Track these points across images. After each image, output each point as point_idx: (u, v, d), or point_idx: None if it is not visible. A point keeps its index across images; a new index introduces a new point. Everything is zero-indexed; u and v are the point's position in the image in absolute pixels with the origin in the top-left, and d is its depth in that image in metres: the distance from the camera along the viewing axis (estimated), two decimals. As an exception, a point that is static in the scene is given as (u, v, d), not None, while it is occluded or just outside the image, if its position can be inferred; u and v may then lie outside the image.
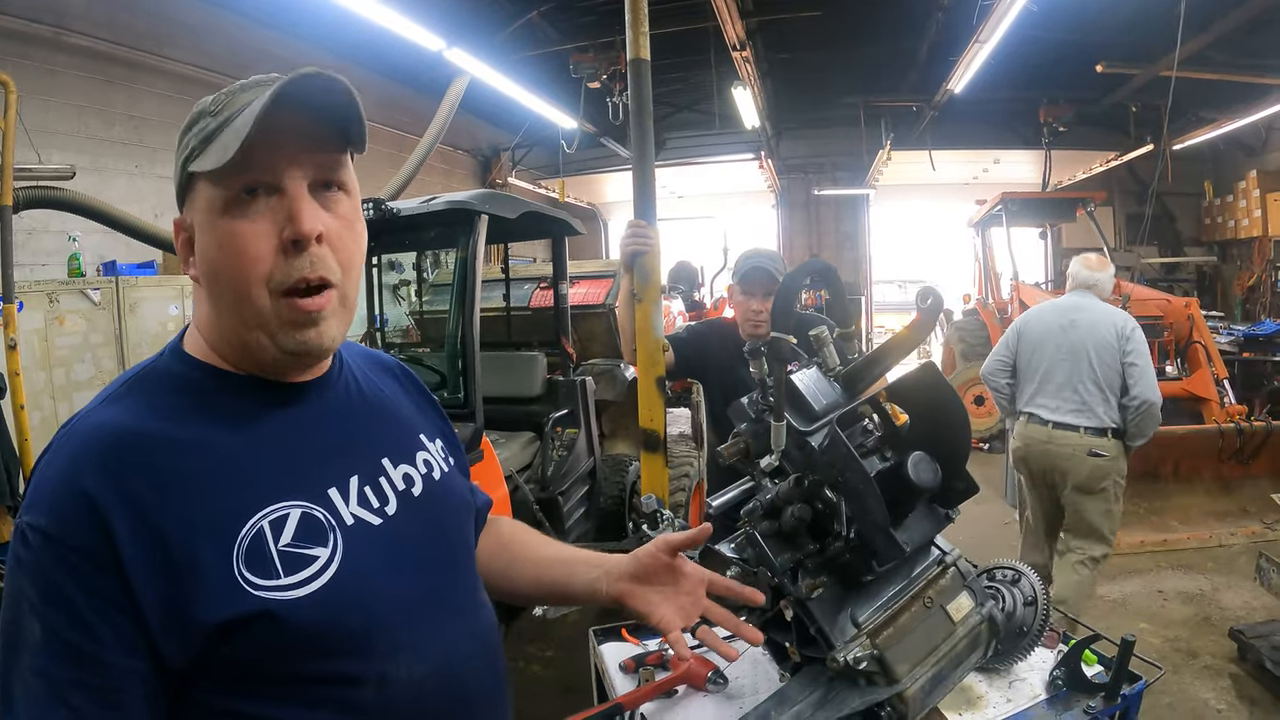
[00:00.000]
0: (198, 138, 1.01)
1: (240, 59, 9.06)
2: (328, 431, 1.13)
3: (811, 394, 1.62)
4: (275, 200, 1.01)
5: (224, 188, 1.00)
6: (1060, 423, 4.30)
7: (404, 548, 1.13)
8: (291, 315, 1.02)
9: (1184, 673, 4.31)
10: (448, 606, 1.18)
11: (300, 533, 1.01)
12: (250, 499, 1.00)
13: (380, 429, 1.22)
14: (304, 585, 0.98)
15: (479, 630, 1.22)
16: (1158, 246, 14.41)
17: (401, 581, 1.10)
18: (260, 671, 0.96)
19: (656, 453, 3.18)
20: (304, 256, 1.01)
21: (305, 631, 0.97)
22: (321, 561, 1.01)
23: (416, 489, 1.20)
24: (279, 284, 1.01)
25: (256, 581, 0.95)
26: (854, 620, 1.50)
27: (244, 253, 0.99)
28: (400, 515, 1.14)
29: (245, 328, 1.03)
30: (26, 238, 6.74)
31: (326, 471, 1.09)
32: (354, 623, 1.02)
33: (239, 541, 0.96)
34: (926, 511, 1.59)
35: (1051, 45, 10.31)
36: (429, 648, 1.10)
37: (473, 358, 4.14)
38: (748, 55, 8.61)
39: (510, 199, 4.82)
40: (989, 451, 9.58)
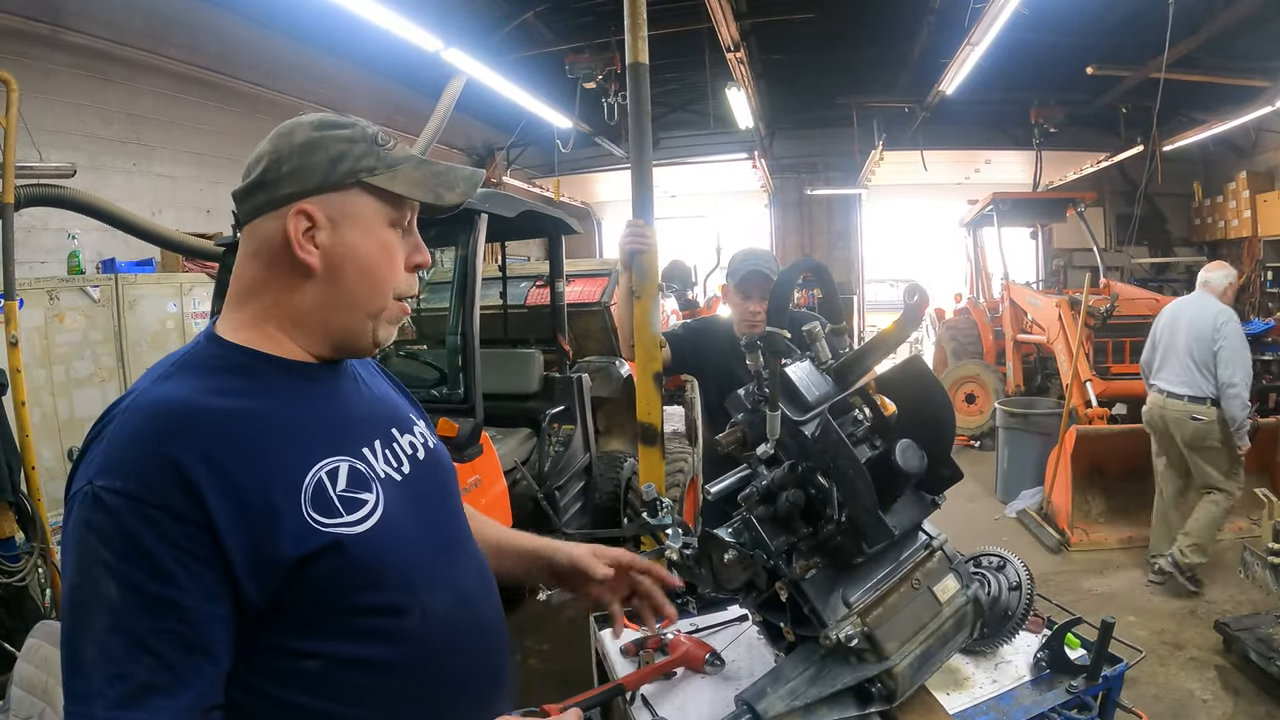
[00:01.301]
0: (377, 160, 1.24)
1: (238, 58, 9.11)
2: (352, 405, 1.34)
3: (805, 386, 1.69)
4: (407, 233, 1.30)
5: (395, 210, 1.26)
6: (1171, 392, 5.37)
7: (420, 500, 1.32)
8: (395, 315, 1.30)
9: (1170, 664, 4.39)
10: (459, 549, 1.40)
11: (351, 481, 1.19)
12: (307, 455, 1.17)
13: (384, 407, 1.42)
14: (362, 522, 1.17)
15: (483, 570, 1.45)
16: (1148, 247, 14.48)
17: (425, 526, 1.31)
18: (322, 607, 1.12)
19: (654, 446, 3.26)
20: (416, 278, 1.33)
21: (364, 562, 1.15)
22: (371, 504, 1.20)
23: (420, 454, 1.40)
24: (401, 290, 1.29)
25: (324, 520, 1.12)
26: (845, 600, 1.56)
27: (395, 261, 1.27)
28: (413, 474, 1.34)
29: (364, 317, 1.27)
30: (26, 235, 6.74)
31: (359, 436, 1.29)
32: (399, 557, 1.21)
33: (304, 489, 1.13)
34: (914, 497, 1.67)
35: (1043, 47, 10.37)
36: (453, 581, 1.31)
37: (473, 354, 4.18)
38: (742, 56, 8.66)
39: (509, 198, 4.86)
40: (980, 449, 9.66)
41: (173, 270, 7.18)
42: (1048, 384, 9.56)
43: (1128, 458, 6.38)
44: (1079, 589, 5.41)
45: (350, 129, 1.25)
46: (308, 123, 1.25)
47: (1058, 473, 6.38)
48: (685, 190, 17.62)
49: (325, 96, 10.65)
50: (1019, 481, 7.36)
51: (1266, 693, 4.05)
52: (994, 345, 10.36)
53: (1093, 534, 6.18)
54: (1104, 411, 6.82)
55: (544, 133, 12.71)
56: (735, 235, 15.99)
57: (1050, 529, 6.38)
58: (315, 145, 1.22)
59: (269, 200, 1.21)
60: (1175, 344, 5.37)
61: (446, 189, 1.29)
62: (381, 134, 1.28)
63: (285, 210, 1.20)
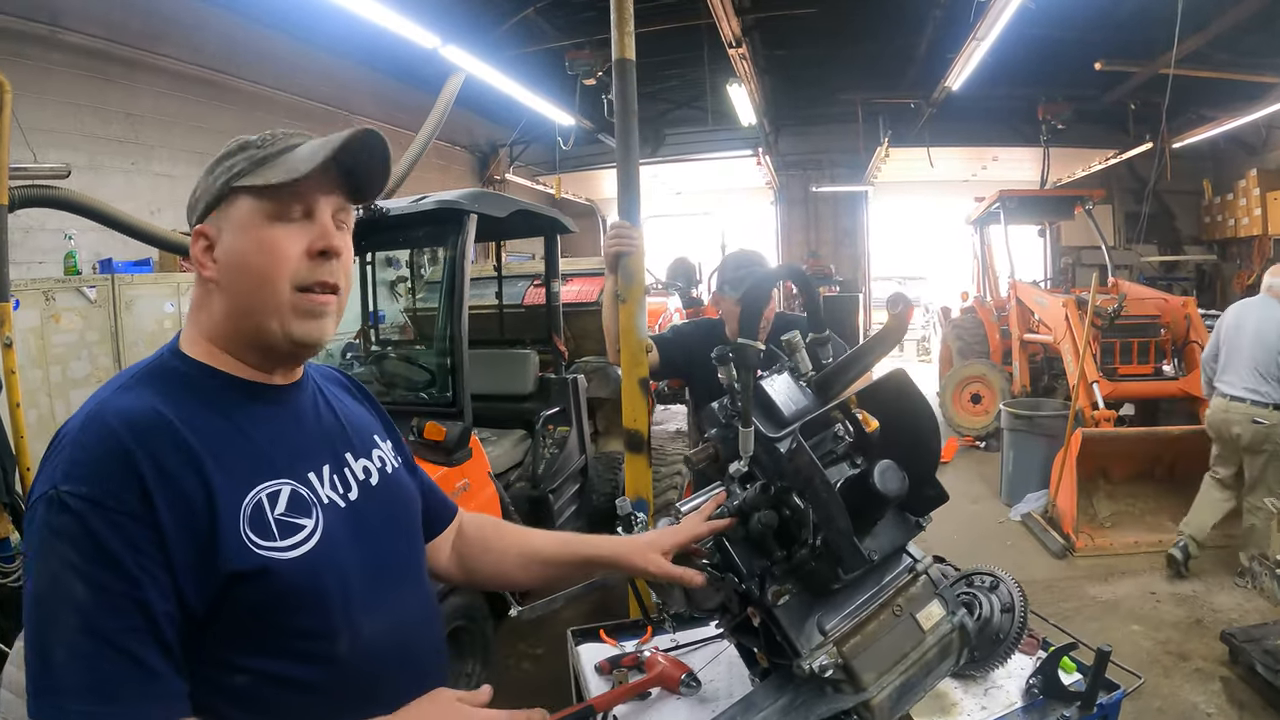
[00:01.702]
0: (248, 161, 1.24)
1: (237, 56, 9.08)
2: (304, 427, 1.35)
3: (781, 399, 1.61)
4: (306, 221, 1.25)
5: (274, 203, 1.23)
6: (1234, 396, 5.37)
7: (365, 528, 1.33)
8: (305, 306, 1.24)
9: (1175, 676, 4.28)
10: (400, 577, 1.39)
11: (291, 506, 1.21)
12: (251, 475, 1.19)
13: (341, 429, 1.42)
14: (295, 548, 1.18)
15: (424, 600, 1.45)
16: (1157, 245, 14.35)
17: (364, 555, 1.30)
18: (255, 623, 1.14)
19: (640, 453, 3.18)
20: (327, 265, 1.26)
21: (295, 588, 1.16)
22: (308, 530, 1.21)
23: (373, 480, 1.40)
24: (301, 280, 1.23)
25: (259, 542, 1.14)
26: (821, 628, 1.48)
27: (280, 252, 1.22)
28: (361, 501, 1.34)
29: (264, 316, 1.23)
30: (24, 236, 6.74)
31: (306, 459, 1.30)
32: (332, 584, 1.21)
33: (244, 509, 1.15)
34: (897, 519, 1.58)
35: (1050, 42, 10.26)
36: (388, 608, 1.31)
37: (461, 356, 4.14)
38: (744, 52, 8.56)
39: (500, 197, 4.80)
40: (985, 450, 9.58)
41: (170, 270, 7.12)
42: (1054, 384, 9.45)
43: (1135, 461, 6.29)
44: (1083, 596, 5.30)
45: (234, 143, 1.29)
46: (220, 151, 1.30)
47: (1063, 476, 6.27)
48: (690, 188, 17.53)
49: (325, 94, 10.63)
50: (1024, 484, 7.26)
51: (1273, 706, 3.94)
52: (1000, 345, 10.27)
53: (1098, 539, 6.06)
54: (1111, 414, 6.72)
55: (546, 130, 12.66)
56: (741, 232, 15.92)
57: (1055, 533, 6.27)
58: (207, 171, 1.28)
59: (190, 229, 1.29)
60: (1239, 348, 5.39)
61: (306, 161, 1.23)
62: (268, 136, 1.28)
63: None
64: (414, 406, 4.39)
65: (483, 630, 4.11)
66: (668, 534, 1.58)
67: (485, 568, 1.71)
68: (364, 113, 11.55)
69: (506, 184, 15.23)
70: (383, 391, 4.73)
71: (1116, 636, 4.69)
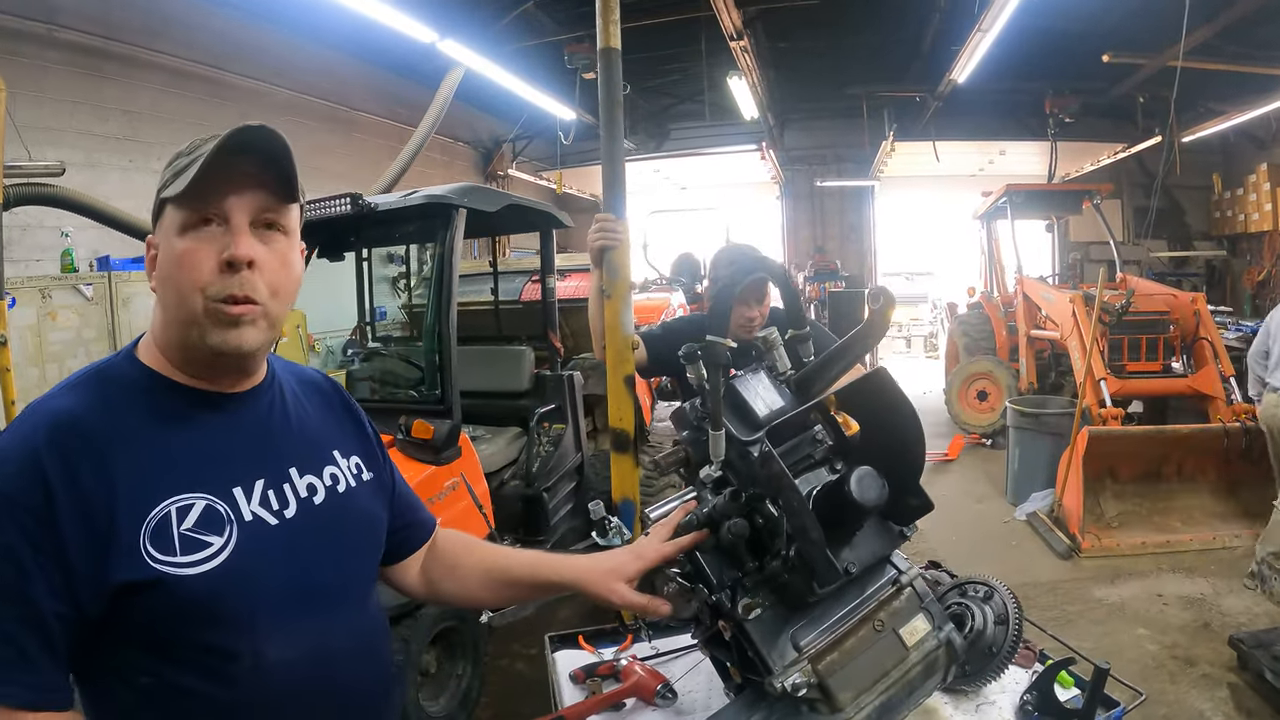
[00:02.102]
0: (171, 172, 1.22)
1: (234, 52, 9.05)
2: (243, 439, 1.30)
3: (756, 401, 1.52)
4: (222, 230, 1.21)
5: (185, 213, 1.20)
6: None
7: (296, 548, 1.27)
8: (217, 317, 1.20)
9: (1181, 682, 4.17)
10: (330, 603, 1.31)
11: (201, 521, 1.18)
12: (164, 487, 1.17)
13: (293, 442, 1.37)
14: (196, 565, 1.15)
15: (360, 629, 1.37)
16: (1167, 240, 14.22)
17: (286, 576, 1.25)
18: (157, 634, 1.14)
19: (626, 453, 3.11)
20: (236, 277, 1.20)
21: (191, 605, 1.13)
22: (215, 548, 1.17)
23: (318, 498, 1.35)
24: (214, 294, 1.19)
25: (157, 556, 1.12)
26: (795, 644, 1.39)
27: (191, 265, 1.19)
28: (297, 520, 1.29)
29: (184, 326, 1.21)
30: (21, 234, 6.76)
31: (235, 473, 1.26)
32: (236, 604, 1.18)
33: (148, 521, 1.13)
34: (879, 528, 1.49)
35: (1057, 34, 10.16)
36: (305, 637, 1.25)
37: (449, 354, 4.09)
38: (745, 45, 8.46)
39: (491, 192, 4.75)
40: (991, 448, 9.48)
41: (167, 267, 7.08)
42: (1062, 381, 9.34)
43: (1142, 460, 6.17)
44: (1088, 598, 5.19)
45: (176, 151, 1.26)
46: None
47: (1069, 475, 6.16)
48: (696, 182, 17.45)
49: (325, 90, 10.60)
50: (1030, 483, 7.13)
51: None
52: (1007, 341, 10.14)
53: (1104, 540, 5.93)
54: (1118, 411, 6.60)
55: (548, 124, 12.60)
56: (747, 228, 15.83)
57: (1060, 534, 6.16)
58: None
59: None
60: None
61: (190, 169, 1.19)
62: (197, 141, 1.24)
63: None
64: (403, 404, 4.34)
65: (473, 631, 4.07)
66: (630, 560, 1.50)
67: (451, 586, 1.64)
68: (364, 108, 11.52)
69: (510, 179, 15.17)
70: (375, 389, 4.69)
71: (1122, 640, 4.61)
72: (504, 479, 4.93)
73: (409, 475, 3.78)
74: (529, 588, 1.63)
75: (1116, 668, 1.82)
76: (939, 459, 9.13)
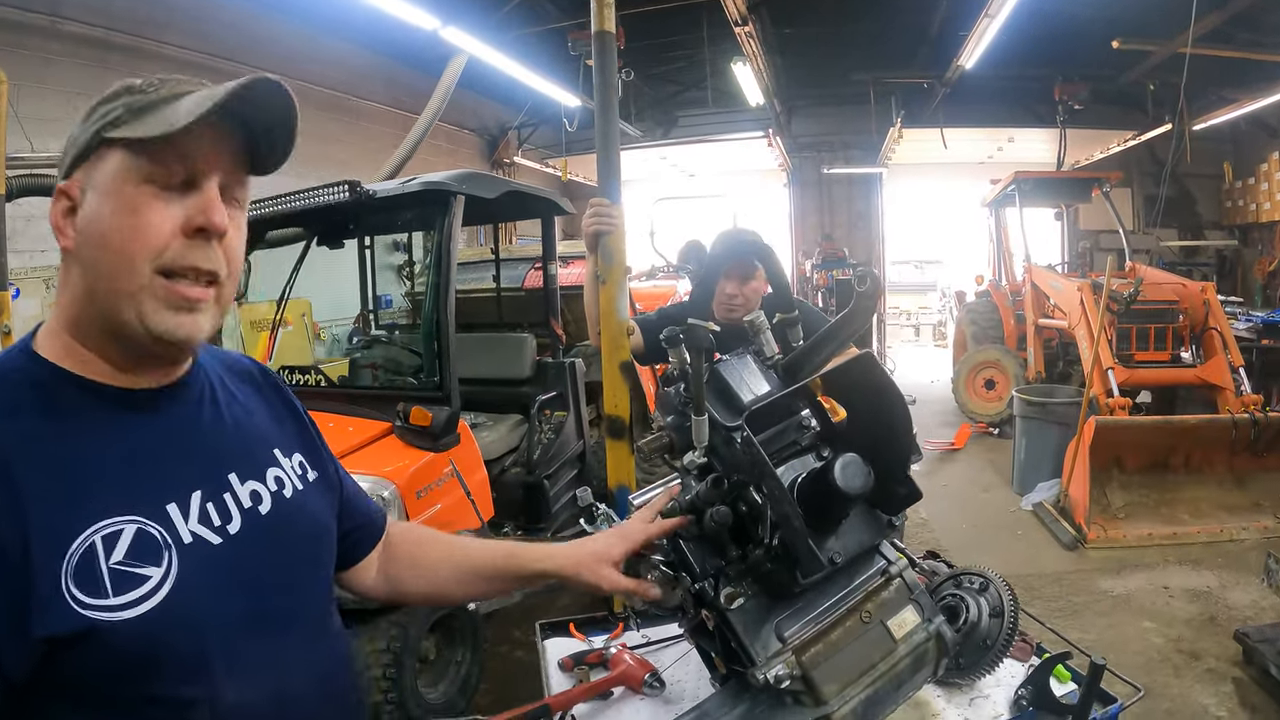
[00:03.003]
0: (125, 109, 1.01)
1: (239, 41, 9.00)
2: (173, 444, 1.10)
3: (740, 385, 1.48)
4: (188, 190, 1.03)
5: (146, 159, 1.00)
6: None
7: (245, 569, 1.10)
8: (169, 297, 1.01)
9: (1185, 676, 4.13)
10: (288, 631, 1.15)
11: (133, 550, 0.97)
12: (84, 511, 0.96)
13: (230, 443, 1.19)
14: (133, 606, 0.95)
15: (321, 658, 1.21)
16: (1177, 229, 14.11)
17: (238, 604, 1.07)
18: (94, 694, 0.94)
19: (622, 439, 3.08)
20: (206, 247, 1.04)
21: (133, 653, 0.95)
22: (154, 582, 0.98)
23: (264, 506, 1.17)
24: (168, 262, 1.00)
25: (84, 600, 0.92)
26: (779, 634, 1.35)
27: (145, 223, 0.99)
28: (244, 534, 1.11)
29: (119, 301, 1.00)
30: (25, 224, 6.74)
31: (167, 486, 1.06)
32: (185, 645, 0.99)
33: (69, 556, 0.92)
34: (866, 518, 1.45)
35: (1065, 20, 10.06)
36: (264, 674, 1.08)
37: (447, 341, 4.09)
38: (750, 30, 8.38)
39: (490, 178, 4.74)
40: (998, 437, 9.45)
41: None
42: (1070, 371, 9.29)
43: (1150, 451, 6.12)
44: (1093, 589, 5.16)
45: (120, 85, 1.06)
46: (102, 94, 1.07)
47: (1075, 465, 6.11)
48: (703, 169, 17.37)
49: (331, 79, 10.56)
50: (1036, 473, 7.09)
51: (1286, 710, 3.79)
52: (1015, 330, 10.10)
53: (1110, 531, 5.89)
54: (1126, 401, 6.54)
55: (554, 112, 12.57)
56: (754, 215, 15.75)
57: (1066, 524, 6.12)
58: (87, 115, 1.05)
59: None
60: None
61: (175, 115, 1.00)
62: (154, 80, 1.06)
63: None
64: (402, 391, 4.33)
65: (471, 618, 4.07)
66: (615, 541, 1.42)
67: (416, 585, 1.51)
68: (370, 97, 11.48)
69: (516, 167, 15.11)
70: (376, 376, 4.69)
71: (1127, 633, 4.58)
72: (505, 466, 4.93)
73: (407, 463, 3.79)
74: (509, 580, 1.52)
75: (1120, 660, 1.79)
76: (945, 448, 9.09)
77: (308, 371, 4.59)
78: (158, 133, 0.98)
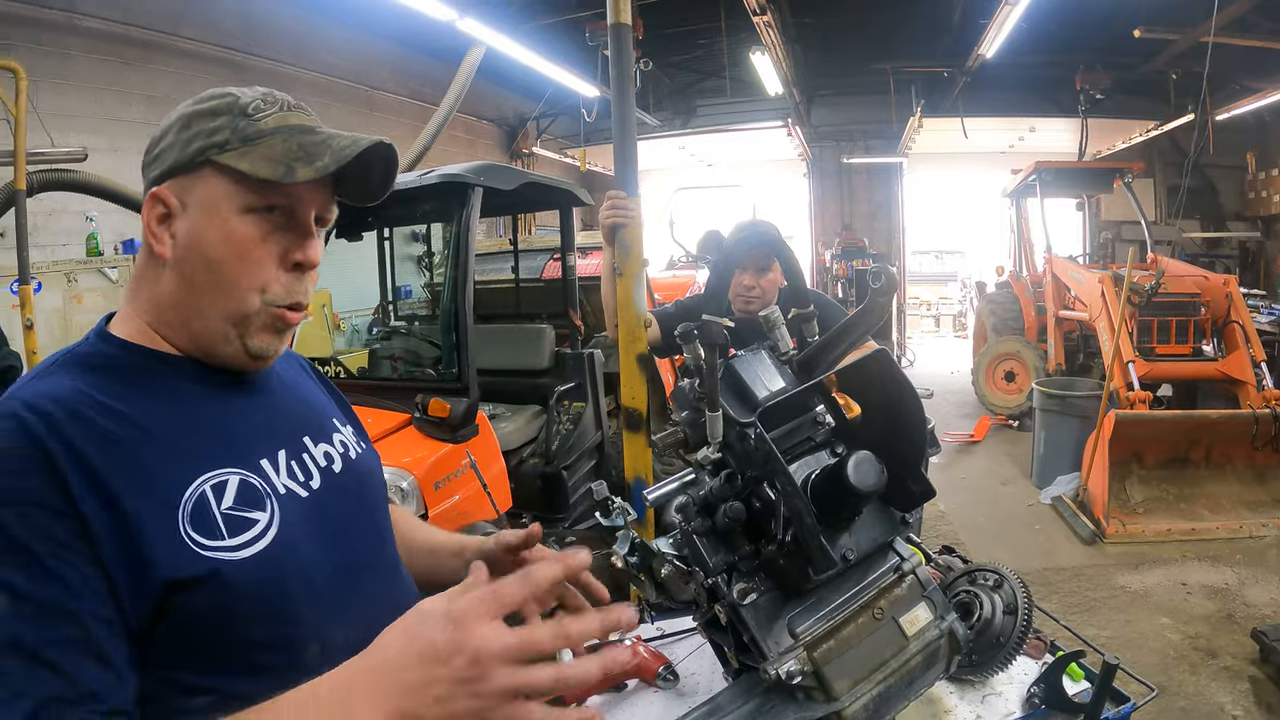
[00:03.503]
0: (232, 133, 1.07)
1: (255, 34, 9.04)
2: (255, 412, 1.18)
3: (755, 381, 1.48)
4: (286, 223, 1.11)
5: (252, 192, 1.07)
6: None
7: (329, 520, 1.18)
8: (273, 323, 1.12)
9: (1201, 673, 4.11)
10: (373, 575, 1.24)
11: (240, 497, 1.05)
12: (190, 466, 1.03)
13: (299, 411, 1.28)
14: (248, 546, 1.03)
15: (401, 599, 1.23)
16: (1200, 220, 13.94)
17: (331, 550, 1.15)
18: (210, 639, 0.99)
19: (638, 432, 3.09)
20: (303, 280, 1.14)
21: (250, 594, 1.01)
22: (261, 526, 1.06)
23: (336, 466, 1.25)
24: (274, 296, 1.11)
25: (203, 542, 0.99)
26: (791, 630, 1.35)
27: (251, 256, 1.08)
28: (323, 490, 1.19)
29: (220, 320, 1.09)
30: (47, 219, 6.83)
31: (257, 446, 1.14)
32: (295, 585, 1.07)
33: (183, 504, 0.99)
34: (880, 515, 1.45)
35: (1086, 9, 9.92)
36: (361, 613, 1.12)
37: (466, 332, 4.12)
38: (769, 19, 8.33)
39: (508, 170, 4.75)
40: (1018, 429, 9.40)
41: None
42: (1090, 363, 9.24)
43: (1170, 445, 6.08)
44: (1111, 585, 5.13)
45: (222, 99, 1.11)
46: (194, 97, 1.13)
47: (1095, 459, 6.08)
48: (722, 159, 17.33)
49: (347, 70, 10.58)
50: (1055, 466, 7.06)
51: (1303, 709, 3.76)
52: (1036, 321, 10.04)
53: (1129, 525, 5.85)
54: (1146, 395, 6.50)
55: (572, 102, 12.53)
56: (773, 205, 15.71)
57: (1085, 519, 6.09)
58: (181, 122, 1.10)
59: (146, 183, 1.11)
60: None
61: (304, 163, 1.07)
62: (260, 102, 1.12)
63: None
64: (421, 383, 4.36)
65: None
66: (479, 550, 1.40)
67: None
68: (386, 88, 11.48)
69: (535, 157, 15.11)
70: (395, 367, 4.72)
71: (1144, 629, 4.55)
72: (523, 457, 4.96)
73: (426, 454, 3.82)
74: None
75: (1137, 657, 1.79)
76: (965, 440, 9.06)
77: (327, 363, 4.63)
78: (274, 178, 1.06)
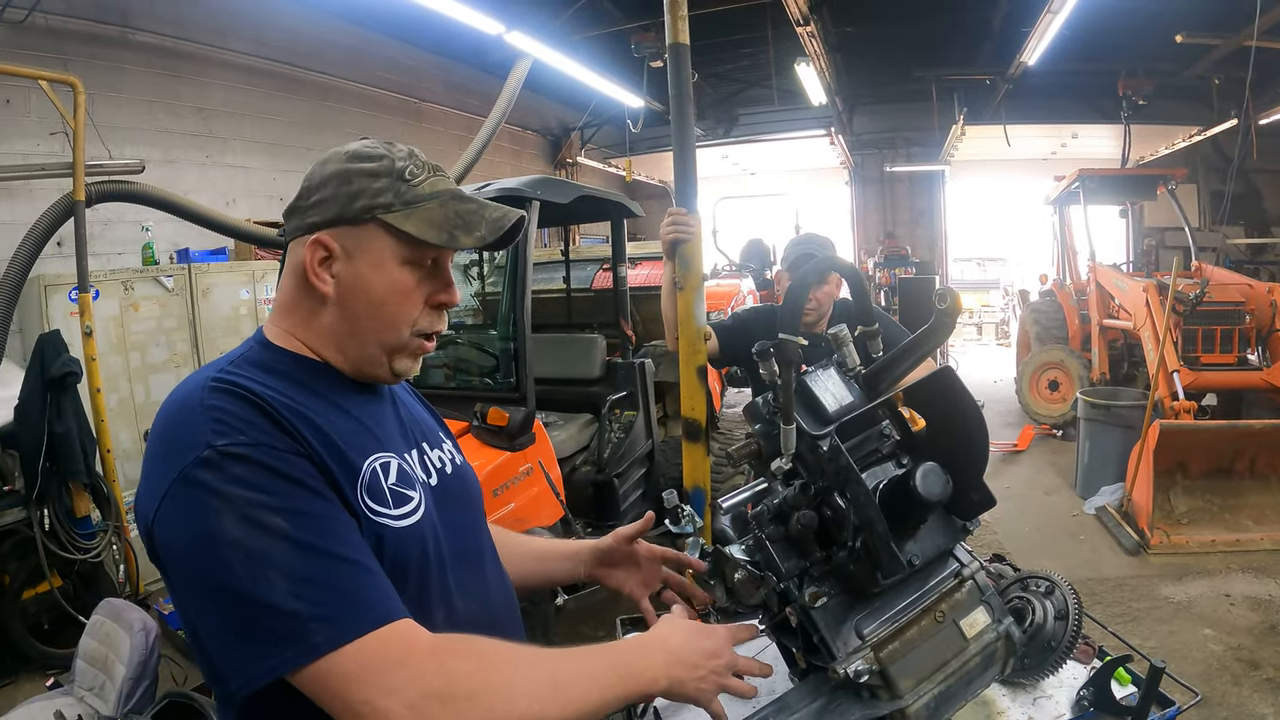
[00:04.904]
0: (395, 196, 1.26)
1: (304, 48, 9.25)
2: (391, 417, 1.40)
3: (826, 396, 1.58)
4: (434, 271, 1.32)
5: (411, 249, 1.27)
6: None
7: (448, 511, 1.37)
8: (417, 350, 1.34)
9: (1244, 684, 4.09)
10: (481, 562, 1.45)
11: (399, 478, 1.26)
12: (362, 446, 1.24)
13: (415, 420, 1.48)
14: (406, 517, 1.23)
15: (504, 584, 1.50)
16: (1244, 227, 13.75)
17: (451, 535, 1.35)
18: None
19: (698, 442, 3.16)
20: (444, 316, 1.36)
21: (401, 556, 1.20)
22: (415, 502, 1.26)
23: (448, 469, 1.45)
24: (422, 329, 1.32)
25: (376, 509, 1.19)
26: (859, 632, 1.45)
27: (410, 299, 1.29)
28: (441, 486, 1.39)
29: (377, 348, 1.30)
30: (104, 229, 7.02)
31: (398, 443, 1.35)
32: (432, 557, 1.27)
33: (361, 478, 1.20)
34: (943, 522, 1.54)
35: (1128, 14, 9.84)
36: (478, 590, 1.38)
37: (524, 343, 4.19)
38: (812, 30, 8.41)
39: (563, 184, 4.83)
40: (1062, 439, 9.33)
41: (246, 259, 7.39)
42: (1135, 372, 9.15)
43: (1215, 455, 6.04)
44: (1155, 596, 5.13)
45: (379, 162, 1.28)
46: (344, 153, 1.30)
47: (1139, 469, 6.06)
48: (764, 168, 17.39)
49: (394, 82, 10.76)
50: (1100, 476, 7.03)
51: (1346, 722, 3.76)
52: (1080, 330, 9.94)
53: (1174, 536, 5.82)
54: (1191, 405, 6.44)
55: (617, 112, 12.67)
56: (816, 213, 15.72)
57: (1129, 529, 6.07)
58: (340, 177, 1.26)
59: (297, 226, 1.28)
60: None
61: (465, 231, 1.29)
62: (413, 166, 1.30)
63: (309, 238, 1.26)
64: (478, 392, 4.46)
65: (544, 612, 4.18)
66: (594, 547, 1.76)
67: None
68: (433, 100, 11.65)
69: (579, 167, 15.26)
70: (450, 375, 4.83)
71: (1187, 640, 4.55)
72: (576, 464, 5.03)
73: (484, 461, 3.93)
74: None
75: (1180, 668, 1.84)
76: (1008, 449, 9.03)
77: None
78: (438, 244, 1.27)
